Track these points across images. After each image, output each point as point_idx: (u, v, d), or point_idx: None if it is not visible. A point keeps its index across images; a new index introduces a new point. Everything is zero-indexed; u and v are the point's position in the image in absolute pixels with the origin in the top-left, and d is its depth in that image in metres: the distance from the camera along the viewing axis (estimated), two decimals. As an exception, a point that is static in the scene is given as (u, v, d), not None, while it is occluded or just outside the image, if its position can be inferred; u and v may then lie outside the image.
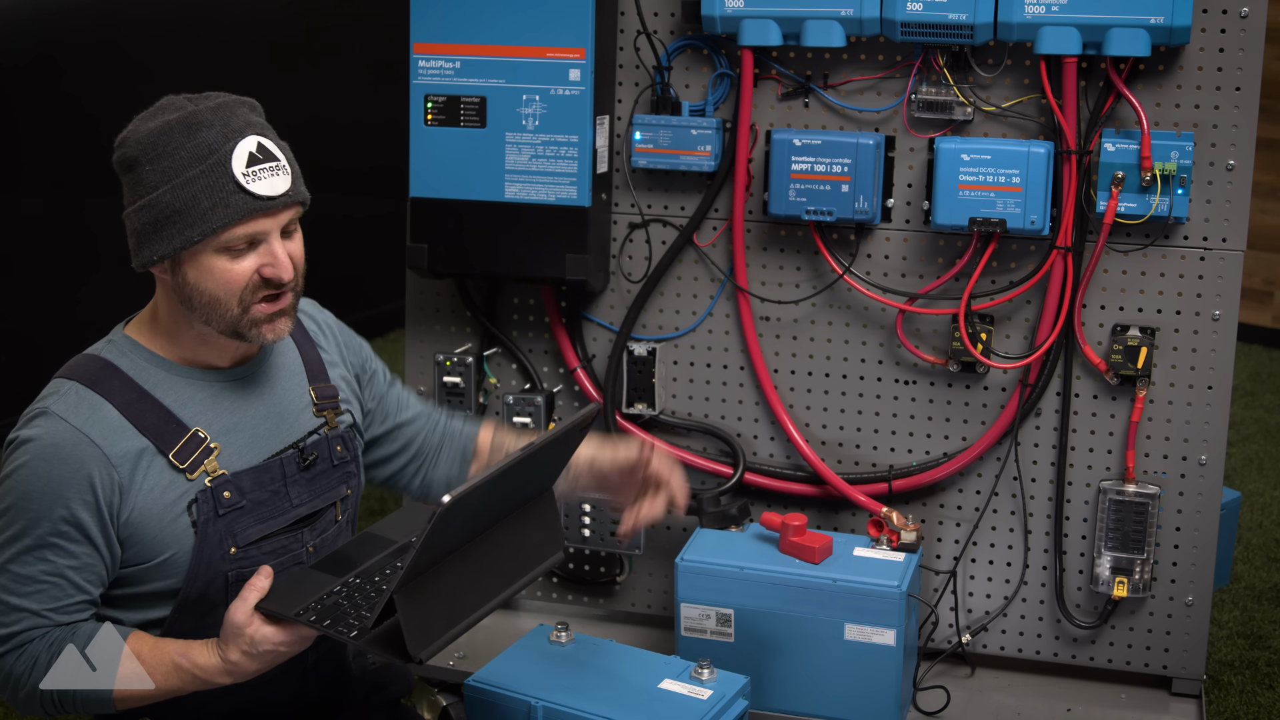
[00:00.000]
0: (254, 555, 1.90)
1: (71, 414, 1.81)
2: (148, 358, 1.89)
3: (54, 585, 1.81)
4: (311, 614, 1.77)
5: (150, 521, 1.84)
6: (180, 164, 1.79)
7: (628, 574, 2.94)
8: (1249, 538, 3.99)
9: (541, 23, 2.61)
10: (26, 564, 1.80)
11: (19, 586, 1.81)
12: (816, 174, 2.61)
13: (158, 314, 1.91)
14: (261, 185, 1.81)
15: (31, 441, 1.81)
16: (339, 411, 2.04)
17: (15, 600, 1.81)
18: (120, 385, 1.85)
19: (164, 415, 1.86)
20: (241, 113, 1.85)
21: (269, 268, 1.84)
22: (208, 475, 1.87)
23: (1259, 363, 5.65)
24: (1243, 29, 2.47)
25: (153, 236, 1.81)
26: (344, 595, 1.81)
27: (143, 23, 4.82)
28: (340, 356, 2.11)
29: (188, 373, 1.90)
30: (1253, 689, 3.19)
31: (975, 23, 2.47)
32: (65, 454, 1.79)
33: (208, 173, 1.79)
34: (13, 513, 1.80)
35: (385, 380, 2.20)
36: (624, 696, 2.16)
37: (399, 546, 1.93)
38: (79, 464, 1.79)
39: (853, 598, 2.48)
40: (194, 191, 1.79)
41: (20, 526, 1.80)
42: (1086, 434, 2.67)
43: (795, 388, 2.80)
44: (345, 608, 1.78)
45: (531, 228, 2.66)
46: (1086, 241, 2.58)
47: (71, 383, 1.84)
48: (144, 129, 1.82)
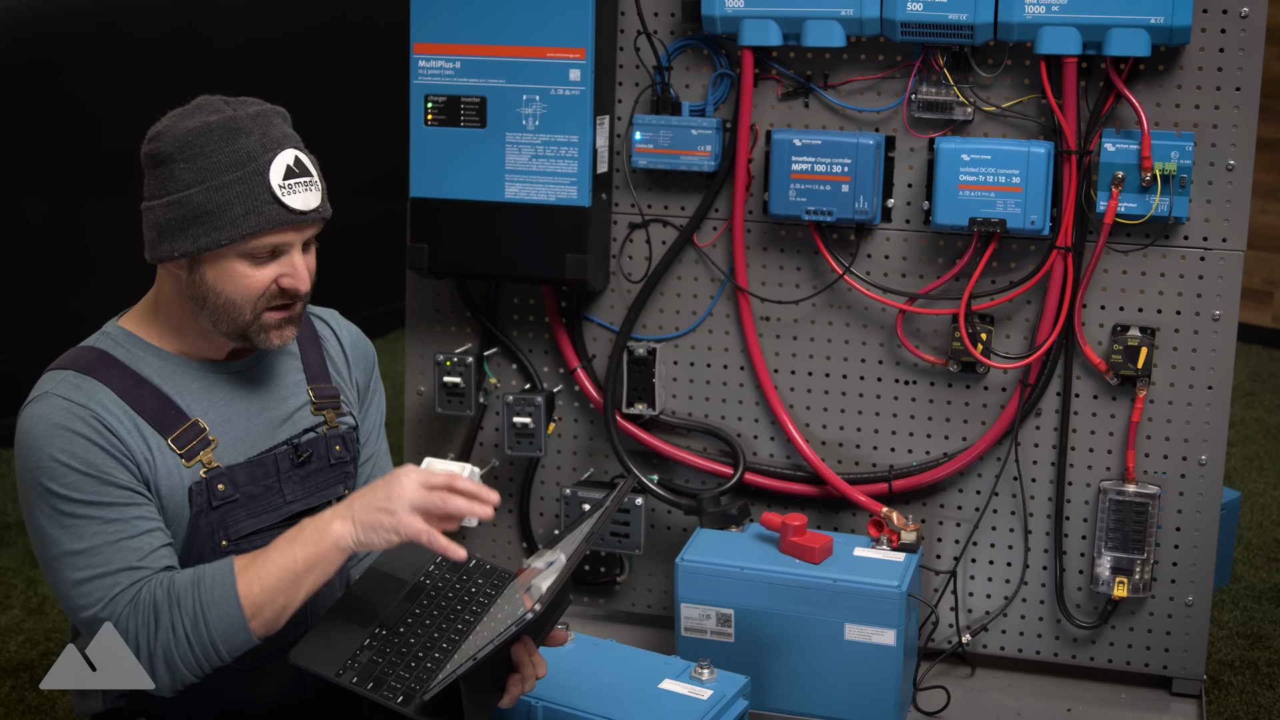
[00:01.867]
0: (244, 549, 1.89)
1: (73, 394, 1.80)
2: (144, 347, 1.89)
3: (122, 542, 1.77)
4: (353, 675, 1.78)
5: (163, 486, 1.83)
6: (218, 167, 1.81)
7: (628, 574, 2.94)
8: (1249, 538, 3.98)
9: (542, 23, 2.61)
10: (83, 537, 1.77)
11: (87, 560, 1.76)
12: (816, 174, 2.61)
13: (158, 306, 1.91)
14: (296, 199, 1.84)
15: (37, 421, 1.78)
16: (340, 412, 2.04)
17: (90, 574, 1.76)
18: (117, 372, 1.84)
19: (163, 401, 1.86)
20: (278, 124, 1.87)
21: (288, 279, 1.86)
22: (203, 466, 1.87)
23: (1259, 363, 5.65)
24: (1243, 29, 2.47)
25: (178, 233, 1.82)
26: (376, 652, 1.82)
27: (142, 23, 4.82)
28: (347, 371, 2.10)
29: (184, 362, 1.91)
30: (1253, 689, 3.19)
31: (975, 23, 2.47)
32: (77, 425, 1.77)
33: (245, 179, 1.81)
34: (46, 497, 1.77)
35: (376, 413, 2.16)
36: (624, 696, 2.16)
37: (411, 588, 1.95)
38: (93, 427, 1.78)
39: (853, 598, 2.48)
40: (229, 196, 1.80)
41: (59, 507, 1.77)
42: (1086, 434, 2.67)
43: (795, 388, 2.80)
44: (381, 666, 1.80)
45: (531, 228, 2.66)
46: (1086, 241, 2.58)
47: (66, 371, 1.83)
48: (182, 126, 1.83)
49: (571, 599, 2.63)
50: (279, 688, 1.98)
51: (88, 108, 4.58)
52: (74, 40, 4.59)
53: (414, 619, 1.89)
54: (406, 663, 1.82)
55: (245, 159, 1.81)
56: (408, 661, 1.82)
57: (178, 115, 1.86)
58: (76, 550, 1.77)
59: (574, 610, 2.98)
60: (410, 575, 1.98)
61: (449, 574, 2.00)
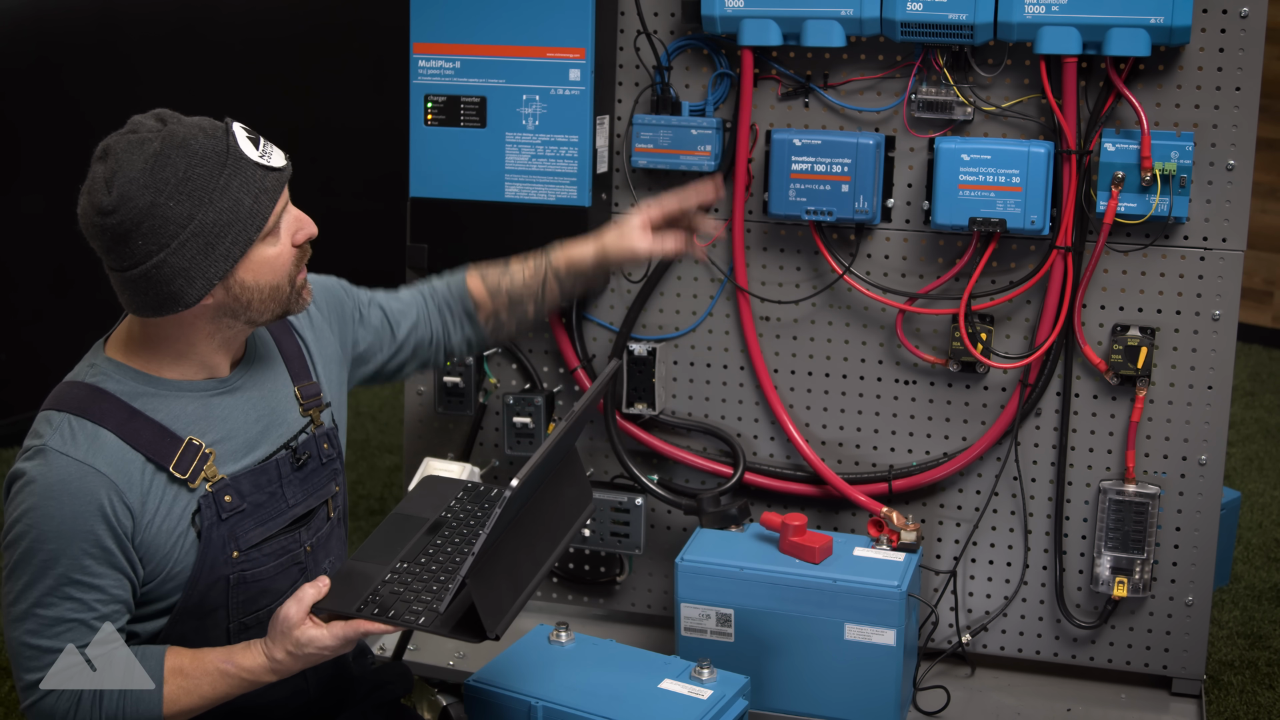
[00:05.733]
0: (255, 558, 1.90)
1: (70, 447, 1.78)
2: (134, 376, 1.85)
3: (83, 623, 1.79)
4: (374, 607, 1.79)
5: (160, 540, 1.82)
6: (202, 180, 1.75)
7: (628, 574, 2.94)
8: (1249, 538, 3.99)
9: (541, 23, 2.61)
10: (52, 605, 1.78)
11: (48, 629, 1.78)
12: (816, 174, 2.61)
13: (149, 340, 1.87)
14: (274, 158, 1.83)
15: (35, 482, 1.77)
16: (322, 408, 2.04)
17: (46, 643, 1.78)
18: (111, 408, 1.82)
19: (158, 431, 1.83)
20: (195, 116, 1.83)
21: (301, 232, 1.86)
22: (208, 481, 1.86)
23: (1259, 363, 5.65)
24: (1243, 29, 2.47)
25: (204, 262, 1.76)
26: (397, 583, 1.83)
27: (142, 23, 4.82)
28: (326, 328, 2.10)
29: (175, 386, 1.87)
30: (1253, 689, 3.19)
31: (975, 23, 2.47)
32: (73, 488, 1.76)
33: (232, 171, 1.77)
34: (29, 556, 1.77)
35: (372, 306, 2.20)
36: (624, 696, 2.16)
37: (432, 523, 1.96)
38: (89, 495, 1.77)
39: (853, 598, 2.48)
40: (231, 195, 1.76)
41: (39, 568, 1.77)
42: (1086, 434, 2.67)
43: (795, 388, 2.80)
44: (403, 595, 1.81)
45: (531, 228, 2.66)
46: (1086, 241, 2.58)
47: (63, 414, 1.80)
48: (133, 174, 1.72)
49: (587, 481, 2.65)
50: (283, 687, 1.98)
51: (87, 107, 4.59)
52: (74, 40, 4.59)
53: (435, 549, 1.90)
54: (429, 587, 1.82)
55: (217, 155, 1.77)
56: (429, 586, 1.82)
57: (116, 171, 1.73)
58: (43, 616, 1.78)
59: (574, 610, 2.98)
60: (431, 513, 1.99)
61: (470, 504, 2.00)
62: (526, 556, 1.84)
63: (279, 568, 1.92)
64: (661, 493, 2.80)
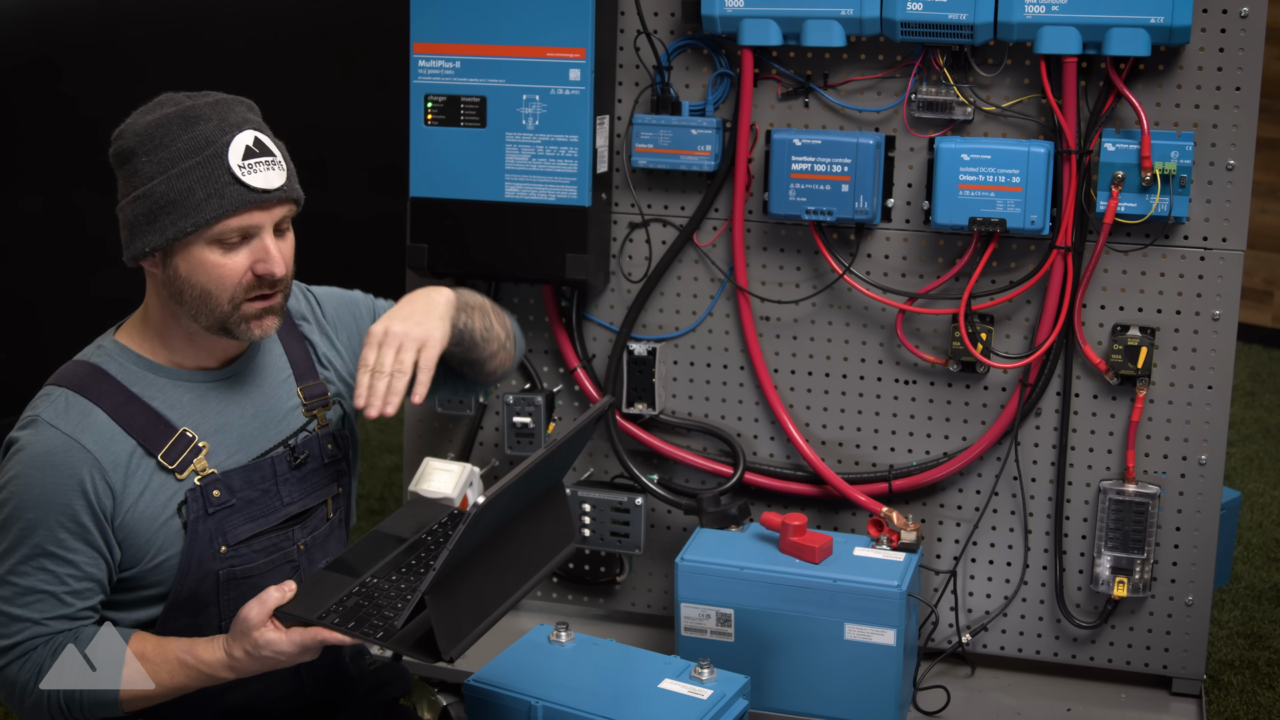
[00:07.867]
0: (244, 554, 1.90)
1: (61, 420, 1.81)
2: (136, 361, 1.89)
3: (54, 595, 1.81)
4: (335, 616, 1.77)
5: (143, 525, 1.84)
6: (176, 155, 1.79)
7: (628, 574, 2.94)
8: (1249, 538, 3.99)
9: (541, 23, 2.61)
10: (25, 574, 1.80)
11: (19, 597, 1.81)
12: (816, 174, 2.61)
13: (148, 315, 1.91)
14: (257, 179, 1.81)
15: (23, 450, 1.81)
16: (328, 408, 2.04)
17: (16, 610, 1.81)
18: (109, 389, 1.85)
19: (152, 417, 1.86)
20: (239, 110, 1.86)
21: (261, 264, 1.84)
22: (197, 474, 1.87)
23: (1259, 363, 5.65)
24: (1243, 29, 2.47)
25: (146, 227, 1.81)
26: (363, 596, 1.81)
27: (142, 23, 4.82)
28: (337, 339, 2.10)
29: (175, 374, 1.90)
30: (1253, 689, 3.19)
31: (975, 22, 2.47)
32: (57, 460, 1.80)
33: (204, 164, 1.79)
34: (9, 523, 1.80)
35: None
36: (624, 696, 2.16)
37: (410, 543, 1.94)
38: (71, 469, 1.80)
39: (853, 598, 2.48)
40: (189, 182, 1.79)
41: (17, 535, 1.80)
42: (1086, 434, 2.67)
43: (795, 388, 2.80)
44: (367, 609, 1.79)
45: (531, 228, 2.66)
46: (1086, 241, 2.58)
47: (61, 389, 1.85)
48: (141, 122, 1.83)
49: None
50: (279, 687, 1.98)
51: (87, 107, 4.58)
52: (74, 40, 4.59)
53: (409, 568, 1.87)
54: (394, 603, 1.79)
55: (203, 144, 1.80)
56: (395, 603, 1.80)
57: (140, 113, 1.86)
58: (16, 584, 1.80)
59: (574, 610, 2.98)
60: (411, 534, 1.97)
61: (452, 529, 1.98)
62: (494, 584, 1.81)
63: (270, 565, 1.93)
64: (661, 493, 2.81)
